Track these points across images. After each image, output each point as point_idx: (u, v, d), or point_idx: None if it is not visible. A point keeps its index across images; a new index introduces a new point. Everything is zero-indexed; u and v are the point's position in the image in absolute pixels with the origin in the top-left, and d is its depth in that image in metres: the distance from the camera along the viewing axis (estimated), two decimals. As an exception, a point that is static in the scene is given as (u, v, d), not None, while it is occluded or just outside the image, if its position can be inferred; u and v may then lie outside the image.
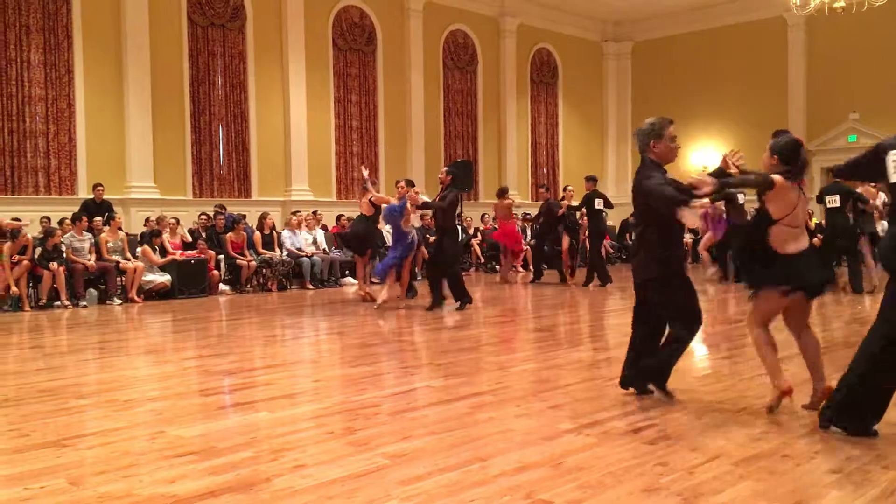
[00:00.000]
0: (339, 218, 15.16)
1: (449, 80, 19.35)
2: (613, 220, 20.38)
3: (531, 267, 16.83)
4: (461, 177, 17.17)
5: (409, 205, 10.15)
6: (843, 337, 7.48)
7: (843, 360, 6.16)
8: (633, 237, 16.89)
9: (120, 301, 11.30)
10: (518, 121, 20.79)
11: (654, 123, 4.91)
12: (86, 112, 13.50)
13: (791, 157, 4.54)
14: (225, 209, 13.88)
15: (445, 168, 10.82)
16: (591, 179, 13.38)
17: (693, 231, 15.33)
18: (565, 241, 13.68)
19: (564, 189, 15.18)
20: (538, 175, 21.20)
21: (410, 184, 10.70)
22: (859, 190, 11.22)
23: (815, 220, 14.40)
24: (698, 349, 6.63)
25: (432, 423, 4.47)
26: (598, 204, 12.90)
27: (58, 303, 10.80)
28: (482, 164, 19.93)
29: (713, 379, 5.71)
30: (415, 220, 11.14)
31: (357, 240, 11.37)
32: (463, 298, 10.01)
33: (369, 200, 10.98)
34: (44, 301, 10.77)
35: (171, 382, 5.78)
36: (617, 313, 10.03)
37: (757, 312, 4.66)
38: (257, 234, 13.39)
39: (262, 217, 13.82)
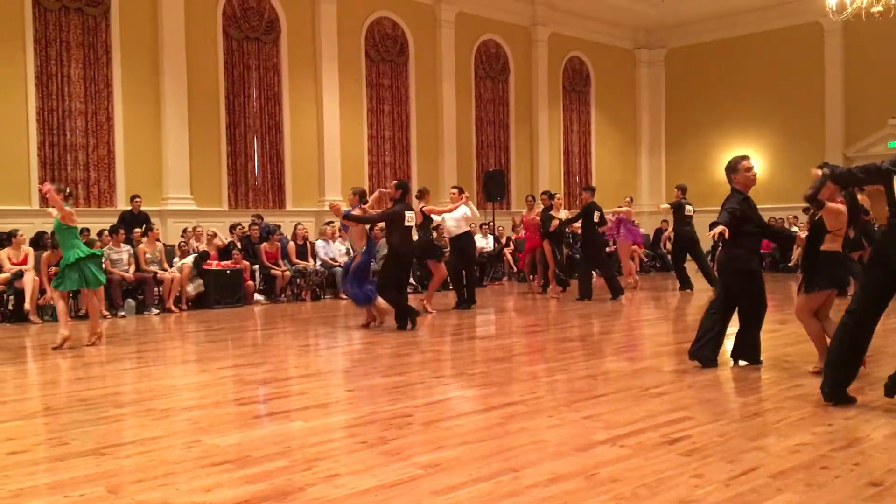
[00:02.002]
0: (371, 228, 15.17)
1: (481, 89, 19.37)
2: (647, 228, 20.22)
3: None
4: (493, 187, 17.35)
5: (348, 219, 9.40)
6: (881, 347, 7.33)
7: (880, 371, 6.07)
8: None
9: (157, 311, 11.47)
10: (550, 130, 20.74)
11: (731, 161, 6.38)
12: (124, 125, 13.74)
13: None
14: (262, 219, 14.06)
15: (395, 182, 9.75)
16: (590, 190, 12.86)
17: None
18: (547, 250, 13.23)
19: (552, 197, 13.25)
20: (570, 184, 21.12)
21: (362, 194, 9.75)
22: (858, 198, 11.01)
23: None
24: (732, 359, 6.54)
25: (465, 433, 4.47)
26: (597, 217, 12.28)
27: (97, 313, 10.97)
28: (514, 174, 19.88)
29: (749, 390, 5.63)
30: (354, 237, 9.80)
31: (420, 249, 10.97)
32: (404, 319, 9.06)
33: (420, 210, 10.73)
34: (83, 311, 10.97)
35: (207, 391, 5.85)
36: (650, 323, 9.94)
37: (810, 305, 5.95)
38: (291, 244, 13.52)
39: (296, 227, 13.96)
